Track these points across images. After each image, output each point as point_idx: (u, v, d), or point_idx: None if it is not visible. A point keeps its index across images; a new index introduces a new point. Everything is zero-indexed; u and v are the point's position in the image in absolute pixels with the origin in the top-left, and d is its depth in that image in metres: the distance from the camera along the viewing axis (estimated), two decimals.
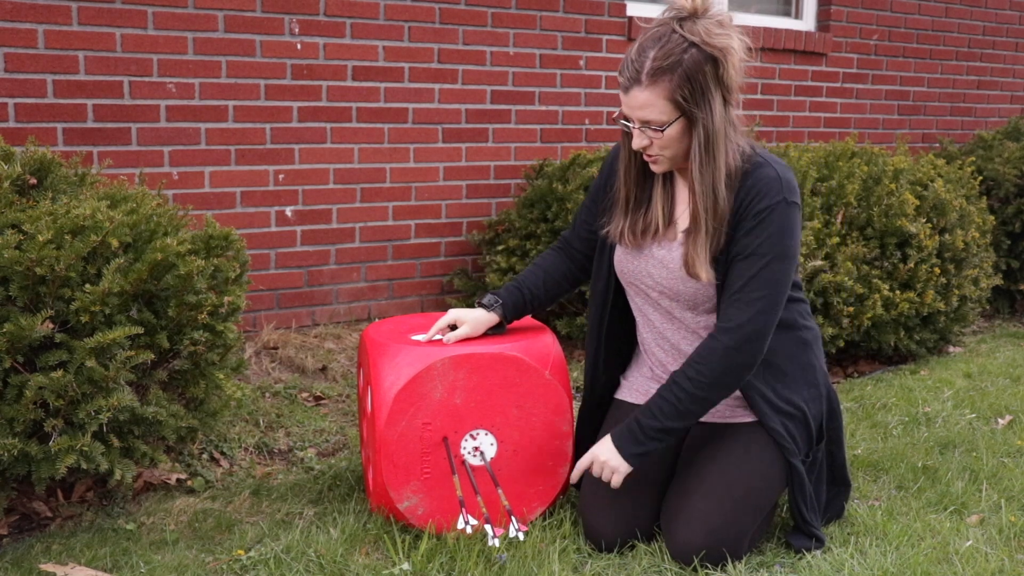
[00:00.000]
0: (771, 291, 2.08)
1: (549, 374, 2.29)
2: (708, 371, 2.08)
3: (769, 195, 2.06)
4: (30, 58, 3.12)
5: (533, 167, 4.13)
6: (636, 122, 2.06)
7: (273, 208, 3.65)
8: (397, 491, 2.22)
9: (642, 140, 2.08)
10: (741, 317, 2.07)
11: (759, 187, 2.06)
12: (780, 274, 2.08)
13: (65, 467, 2.07)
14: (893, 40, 5.43)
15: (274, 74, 3.56)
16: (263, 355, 3.45)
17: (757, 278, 2.07)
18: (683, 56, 1.99)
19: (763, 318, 2.08)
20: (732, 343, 2.07)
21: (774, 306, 2.09)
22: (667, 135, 2.05)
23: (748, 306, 2.07)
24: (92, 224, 2.14)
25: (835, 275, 3.51)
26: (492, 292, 2.39)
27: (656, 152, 2.09)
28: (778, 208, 2.06)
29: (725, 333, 2.08)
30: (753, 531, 2.19)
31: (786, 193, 2.07)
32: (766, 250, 2.06)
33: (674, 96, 2.00)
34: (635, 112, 2.05)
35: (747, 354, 2.09)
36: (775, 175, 2.07)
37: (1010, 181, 4.69)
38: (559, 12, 4.21)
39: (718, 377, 2.08)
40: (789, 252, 2.09)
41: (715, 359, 2.08)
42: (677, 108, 2.02)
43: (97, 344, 2.06)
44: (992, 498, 2.54)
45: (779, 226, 2.06)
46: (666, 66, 1.99)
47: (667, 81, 2.00)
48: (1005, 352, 4.16)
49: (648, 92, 2.01)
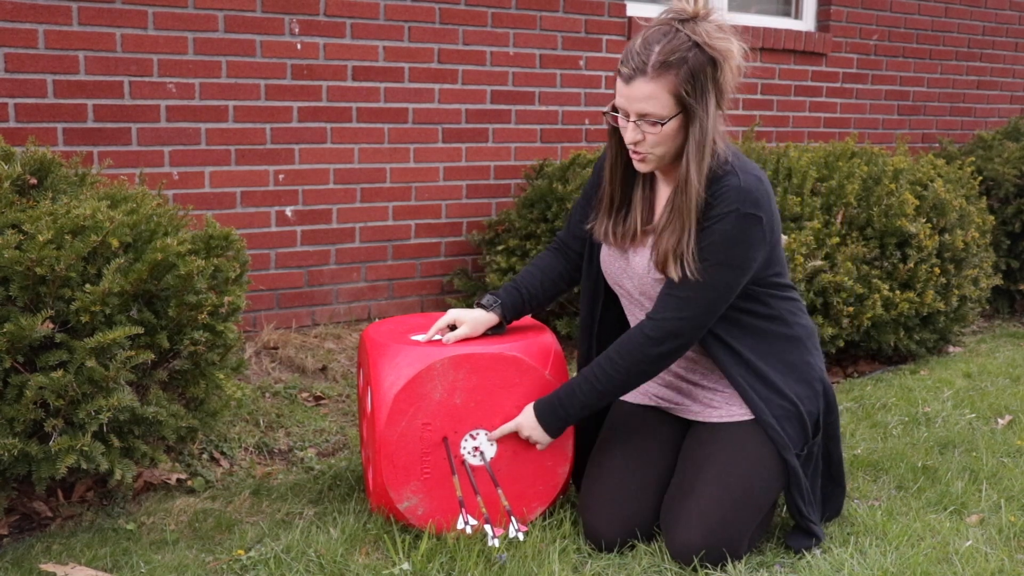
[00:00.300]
0: (705, 295, 2.10)
1: (549, 374, 2.29)
2: (628, 356, 2.14)
3: (724, 203, 2.07)
4: (30, 58, 3.12)
5: (533, 167, 4.13)
6: (633, 115, 2.06)
7: (273, 208, 3.65)
8: (397, 491, 2.22)
9: (636, 135, 2.08)
10: (668, 312, 2.11)
11: (718, 194, 2.08)
12: (719, 280, 2.09)
13: (65, 467, 2.07)
14: (893, 40, 5.43)
15: (274, 74, 3.56)
16: (263, 355, 3.45)
17: (690, 278, 2.09)
18: (687, 54, 2.01)
19: (688, 316, 2.11)
20: (654, 334, 2.12)
21: (704, 309, 2.11)
22: (664, 131, 2.05)
23: (676, 302, 2.11)
24: (92, 224, 2.14)
25: (835, 275, 3.51)
26: (491, 292, 2.39)
27: (647, 149, 2.09)
28: (729, 217, 2.07)
29: (648, 324, 2.13)
30: (752, 530, 2.19)
31: (740, 204, 2.06)
32: (707, 255, 2.08)
33: (678, 91, 2.02)
34: (635, 104, 2.05)
35: (666, 347, 2.13)
36: (737, 184, 2.07)
37: (1010, 181, 4.69)
38: (559, 12, 4.21)
39: (635, 364, 2.14)
40: (734, 261, 2.09)
41: (634, 346, 2.14)
42: (679, 104, 2.03)
43: (97, 344, 2.06)
44: (992, 498, 2.54)
45: (726, 235, 2.07)
46: (672, 61, 2.01)
47: (673, 76, 2.01)
48: (1005, 352, 4.16)
49: (653, 84, 2.02)
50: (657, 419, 2.36)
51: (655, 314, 2.13)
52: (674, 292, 2.11)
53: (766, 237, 2.12)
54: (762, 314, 2.21)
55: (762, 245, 2.12)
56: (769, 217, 2.12)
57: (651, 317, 2.14)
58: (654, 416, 2.37)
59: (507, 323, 2.39)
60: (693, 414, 2.32)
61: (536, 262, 2.47)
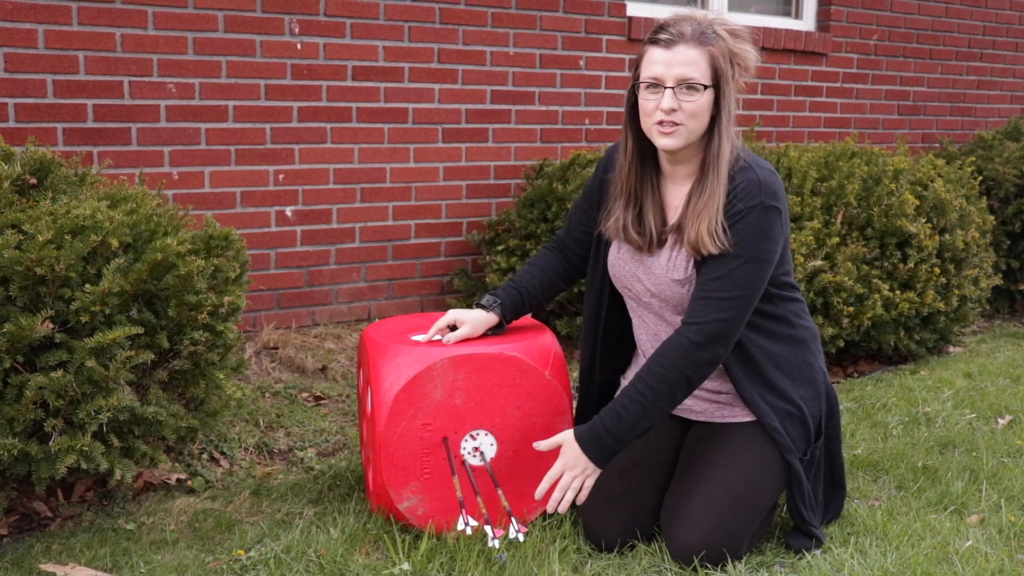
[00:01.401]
0: (741, 292, 2.09)
1: (549, 374, 2.29)
2: (672, 366, 2.09)
3: (747, 198, 2.08)
4: (30, 58, 3.12)
5: (533, 167, 4.13)
6: (672, 80, 2.07)
7: (273, 208, 3.65)
8: (397, 491, 2.22)
9: (673, 102, 2.07)
10: (708, 315, 2.09)
11: (739, 190, 2.09)
12: (751, 276, 2.10)
13: (65, 467, 2.07)
14: (893, 40, 5.43)
15: (274, 74, 3.56)
16: (263, 355, 3.45)
17: (727, 278, 2.09)
18: (717, 41, 2.09)
19: (730, 317, 2.09)
20: (698, 339, 2.09)
21: (743, 307, 2.10)
22: (701, 100, 2.07)
23: (716, 304, 2.09)
24: (92, 224, 2.14)
25: (835, 275, 3.51)
26: (490, 293, 2.39)
27: (683, 119, 2.08)
28: (755, 211, 2.08)
29: (691, 329, 2.10)
30: (753, 531, 2.19)
31: (763, 197, 2.09)
32: (739, 251, 2.08)
33: (715, 63, 2.08)
34: (676, 68, 2.06)
35: (710, 351, 2.10)
36: (756, 179, 2.10)
37: (1010, 181, 4.69)
38: (559, 12, 4.21)
39: (682, 372, 2.09)
40: (762, 255, 2.10)
41: (679, 354, 2.09)
42: (714, 77, 2.08)
43: (97, 344, 2.06)
44: (992, 498, 2.54)
45: (754, 229, 2.08)
46: (710, 36, 2.08)
47: (712, 47, 2.08)
48: (1005, 352, 4.16)
49: (696, 50, 2.07)
50: None
51: (695, 318, 2.10)
52: (711, 294, 2.09)
53: (784, 230, 2.15)
54: (769, 315, 2.21)
55: (781, 238, 2.15)
56: (785, 210, 2.16)
57: (692, 322, 2.10)
58: None
59: (507, 323, 2.39)
60: (695, 415, 2.32)
61: (535, 261, 2.47)
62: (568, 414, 2.32)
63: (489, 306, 2.35)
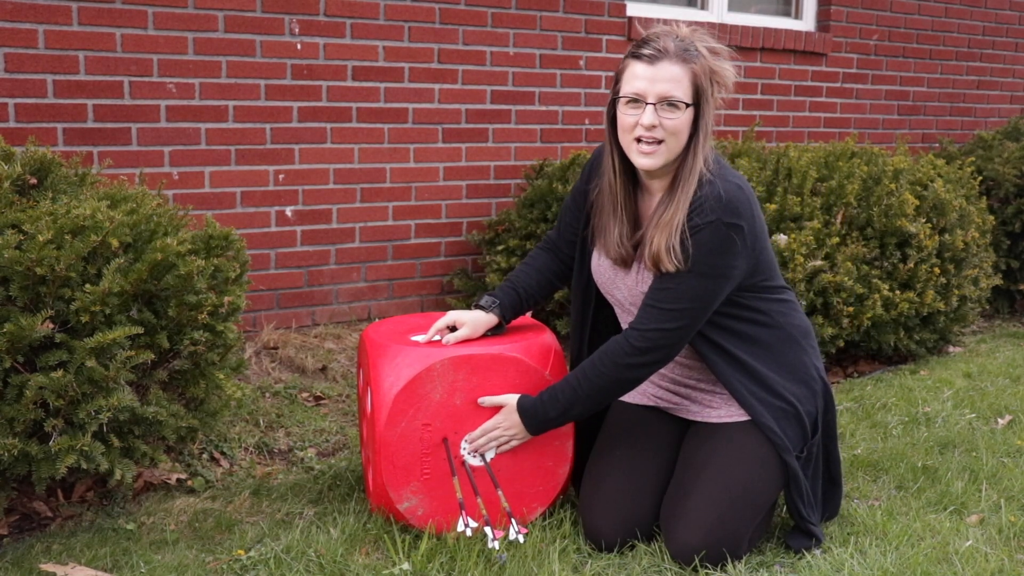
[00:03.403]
0: (688, 305, 2.10)
1: (549, 374, 2.29)
2: (610, 365, 2.14)
3: (705, 213, 2.08)
4: (30, 58, 3.12)
5: (533, 167, 4.13)
6: (653, 97, 2.06)
7: (273, 208, 3.65)
8: (397, 491, 2.22)
9: (653, 118, 2.07)
10: (651, 323, 2.12)
11: (699, 203, 2.09)
12: (701, 291, 2.10)
13: (65, 467, 2.07)
14: (893, 40, 5.43)
15: (274, 74, 3.56)
16: (263, 355, 3.45)
17: (675, 290, 2.10)
18: (699, 58, 2.09)
19: (673, 328, 2.11)
20: (639, 344, 2.12)
21: (688, 320, 2.11)
22: (682, 118, 2.07)
23: (661, 314, 2.11)
24: (92, 224, 2.14)
25: (835, 275, 3.51)
26: (488, 294, 2.40)
27: (663, 135, 2.08)
28: (711, 227, 2.07)
29: (635, 333, 2.13)
30: (752, 530, 2.19)
31: (722, 213, 2.07)
32: (691, 265, 2.08)
33: (696, 82, 2.07)
34: (659, 85, 2.06)
35: (650, 357, 2.13)
36: (716, 194, 2.08)
37: (1010, 181, 4.69)
38: (559, 12, 4.21)
39: (619, 372, 2.14)
40: (716, 271, 2.10)
41: (619, 356, 2.14)
42: (695, 95, 2.08)
43: (97, 344, 2.06)
44: (992, 498, 2.54)
45: (708, 245, 2.08)
46: (692, 55, 2.08)
47: (694, 66, 2.07)
48: (1005, 352, 4.16)
49: (679, 68, 2.06)
50: (656, 419, 2.37)
51: (640, 324, 2.13)
52: (658, 304, 2.11)
53: (748, 245, 2.12)
54: (752, 318, 2.21)
55: (744, 254, 2.12)
56: (751, 225, 2.12)
57: (636, 328, 2.14)
58: (653, 416, 2.37)
59: (506, 323, 2.39)
60: (692, 414, 2.32)
61: (530, 262, 2.47)
62: None
63: (488, 307, 2.35)
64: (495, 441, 2.24)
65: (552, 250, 2.47)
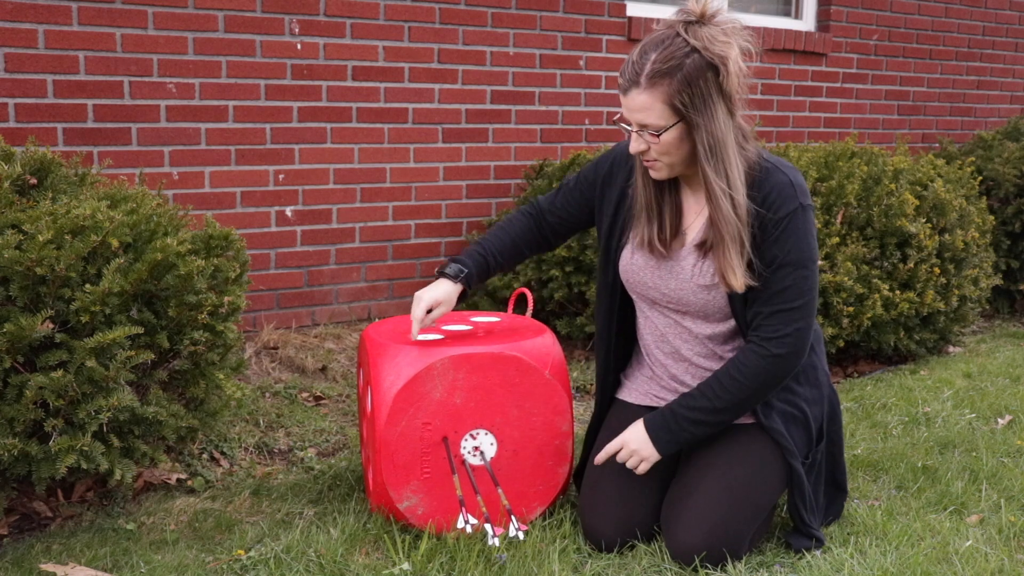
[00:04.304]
0: (807, 297, 2.10)
1: (549, 374, 2.29)
2: (754, 377, 2.11)
3: (787, 203, 2.07)
4: (30, 58, 3.12)
5: (533, 167, 4.13)
6: (634, 125, 2.05)
7: (273, 208, 3.65)
8: (397, 491, 2.22)
9: (639, 144, 2.06)
10: (786, 327, 2.09)
11: (775, 195, 2.07)
12: (812, 278, 2.11)
13: (65, 467, 2.07)
14: (893, 40, 5.43)
15: (274, 74, 3.56)
16: (263, 355, 3.45)
17: (792, 288, 2.08)
18: (684, 60, 1.97)
19: (806, 324, 2.11)
20: (784, 351, 2.10)
21: (811, 310, 2.12)
22: (664, 140, 2.03)
23: (792, 314, 2.09)
24: (92, 224, 2.14)
25: (835, 275, 3.51)
26: (455, 260, 2.32)
27: (654, 157, 2.07)
28: (797, 214, 2.07)
29: (773, 343, 2.10)
30: (753, 531, 2.19)
31: (801, 198, 2.08)
32: (794, 259, 2.08)
33: (672, 101, 1.99)
34: (634, 115, 2.03)
35: (791, 361, 2.12)
36: (787, 181, 2.08)
37: (1010, 181, 4.69)
38: (559, 12, 4.21)
39: (763, 383, 2.12)
40: (814, 255, 2.12)
41: (762, 367, 2.11)
42: (676, 113, 2.00)
43: (97, 344, 2.06)
44: (992, 498, 2.54)
45: (800, 232, 2.08)
46: (665, 70, 1.97)
47: (666, 85, 1.98)
48: (1005, 352, 4.16)
49: (646, 95, 1.99)
50: None
51: (774, 332, 2.09)
52: (784, 306, 2.09)
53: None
54: None
55: (816, 231, 2.15)
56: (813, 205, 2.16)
57: (772, 337, 2.10)
58: None
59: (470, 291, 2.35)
60: None
61: (507, 227, 2.40)
62: (568, 414, 2.32)
63: (456, 277, 2.29)
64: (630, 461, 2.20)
65: (535, 217, 2.41)
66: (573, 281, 3.70)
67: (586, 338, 3.84)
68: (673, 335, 2.25)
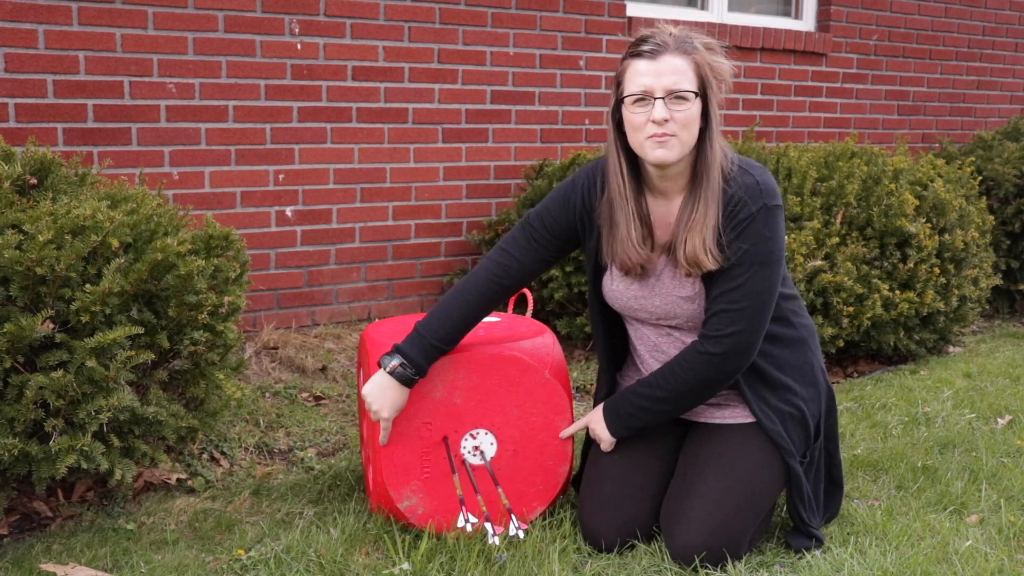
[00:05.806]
0: (756, 300, 2.09)
1: (549, 374, 2.29)
2: (695, 372, 2.12)
3: (749, 203, 2.06)
4: (30, 58, 3.12)
5: (533, 167, 4.13)
6: (660, 91, 2.01)
7: (273, 208, 3.65)
8: (397, 491, 2.22)
9: (664, 112, 2.01)
10: (728, 327, 2.09)
11: (739, 195, 2.07)
12: (765, 282, 2.09)
13: (65, 467, 2.07)
14: (893, 40, 5.43)
15: (274, 74, 3.56)
16: (263, 355, 3.45)
17: (741, 288, 2.08)
18: (698, 51, 2.06)
19: (750, 327, 2.09)
20: (720, 351, 2.10)
21: (761, 314, 2.10)
22: (692, 109, 2.03)
23: (734, 315, 2.08)
24: (92, 224, 2.14)
25: (835, 275, 3.51)
26: (398, 353, 2.16)
27: (676, 129, 2.02)
28: (760, 215, 2.06)
29: (711, 341, 2.10)
30: (753, 531, 2.19)
31: (765, 198, 2.07)
32: (749, 260, 2.07)
33: (700, 72, 2.05)
34: (664, 78, 2.01)
35: (733, 362, 2.11)
36: (755, 181, 2.08)
37: (1010, 181, 4.69)
38: (559, 12, 4.21)
39: (700, 382, 2.13)
40: (773, 257, 2.09)
41: (701, 366, 2.11)
42: (700, 85, 2.05)
43: (97, 344, 2.06)
44: (992, 498, 2.54)
45: (762, 232, 2.07)
46: (691, 47, 2.05)
47: (696, 56, 2.05)
48: (1005, 352, 4.16)
49: (681, 59, 2.03)
50: None
51: (714, 331, 2.09)
52: (729, 306, 2.08)
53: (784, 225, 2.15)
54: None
55: (784, 235, 2.14)
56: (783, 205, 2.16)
57: (711, 335, 2.09)
58: None
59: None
60: (694, 415, 2.32)
61: (469, 296, 2.21)
62: (568, 414, 2.32)
63: (403, 376, 2.16)
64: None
65: (500, 280, 2.22)
66: (573, 281, 3.70)
67: (586, 338, 3.84)
68: (667, 344, 2.25)
